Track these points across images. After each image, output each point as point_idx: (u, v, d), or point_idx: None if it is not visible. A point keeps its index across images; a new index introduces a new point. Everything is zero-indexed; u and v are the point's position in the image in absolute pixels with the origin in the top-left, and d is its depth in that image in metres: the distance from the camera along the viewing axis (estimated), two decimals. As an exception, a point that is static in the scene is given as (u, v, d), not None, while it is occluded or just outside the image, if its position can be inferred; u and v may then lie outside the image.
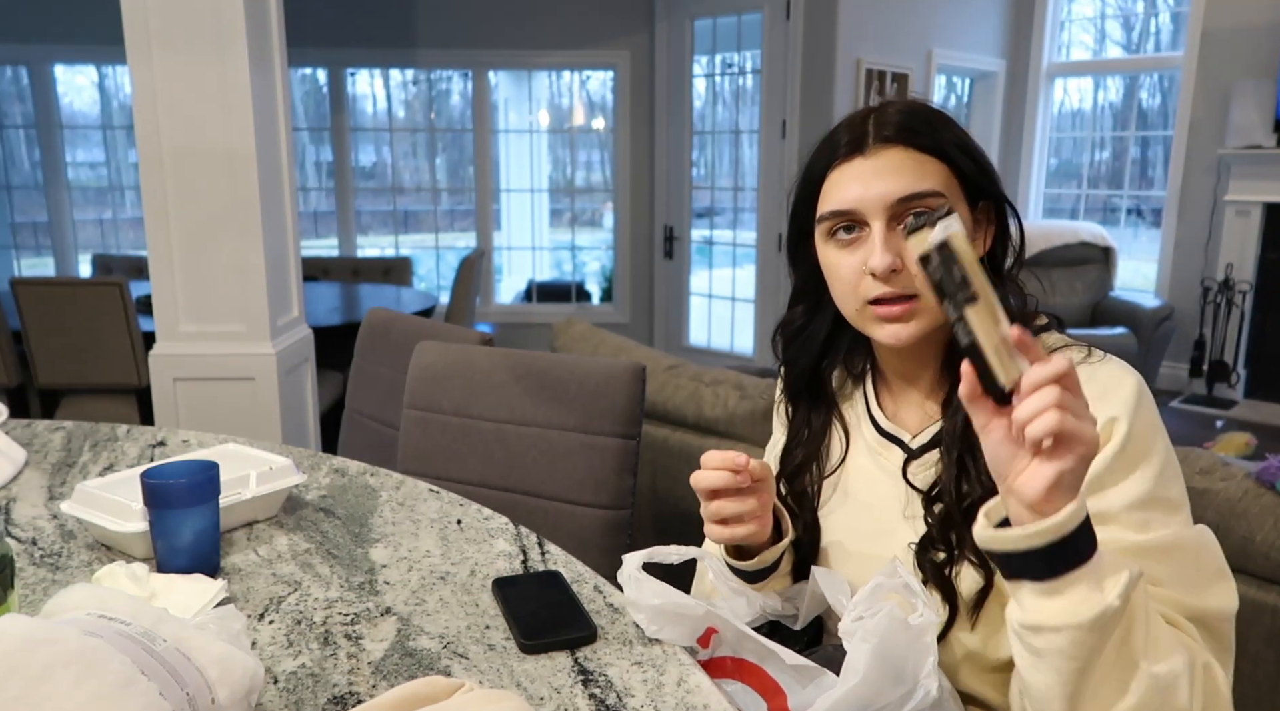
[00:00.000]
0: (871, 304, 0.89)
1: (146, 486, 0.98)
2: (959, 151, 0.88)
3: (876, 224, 0.87)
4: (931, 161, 0.87)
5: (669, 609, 0.87)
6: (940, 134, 0.88)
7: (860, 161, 0.88)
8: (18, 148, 5.81)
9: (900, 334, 0.89)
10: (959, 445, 0.88)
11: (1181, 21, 5.45)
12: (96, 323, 3.16)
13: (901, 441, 0.97)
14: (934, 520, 0.90)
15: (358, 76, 5.86)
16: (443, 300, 4.79)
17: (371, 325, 2.22)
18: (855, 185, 0.87)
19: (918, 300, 0.87)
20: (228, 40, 2.34)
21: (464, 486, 1.56)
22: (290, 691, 0.80)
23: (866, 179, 0.87)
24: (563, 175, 6.41)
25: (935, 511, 0.90)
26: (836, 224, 0.90)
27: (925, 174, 0.86)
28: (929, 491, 0.91)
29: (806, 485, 1.03)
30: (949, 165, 0.88)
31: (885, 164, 0.87)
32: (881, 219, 0.86)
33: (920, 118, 0.88)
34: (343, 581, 1.01)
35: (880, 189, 0.86)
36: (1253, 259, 4.93)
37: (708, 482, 0.89)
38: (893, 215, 0.86)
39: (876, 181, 0.86)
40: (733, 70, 5.32)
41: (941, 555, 0.89)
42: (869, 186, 0.86)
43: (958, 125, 0.91)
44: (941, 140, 0.88)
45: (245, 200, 2.43)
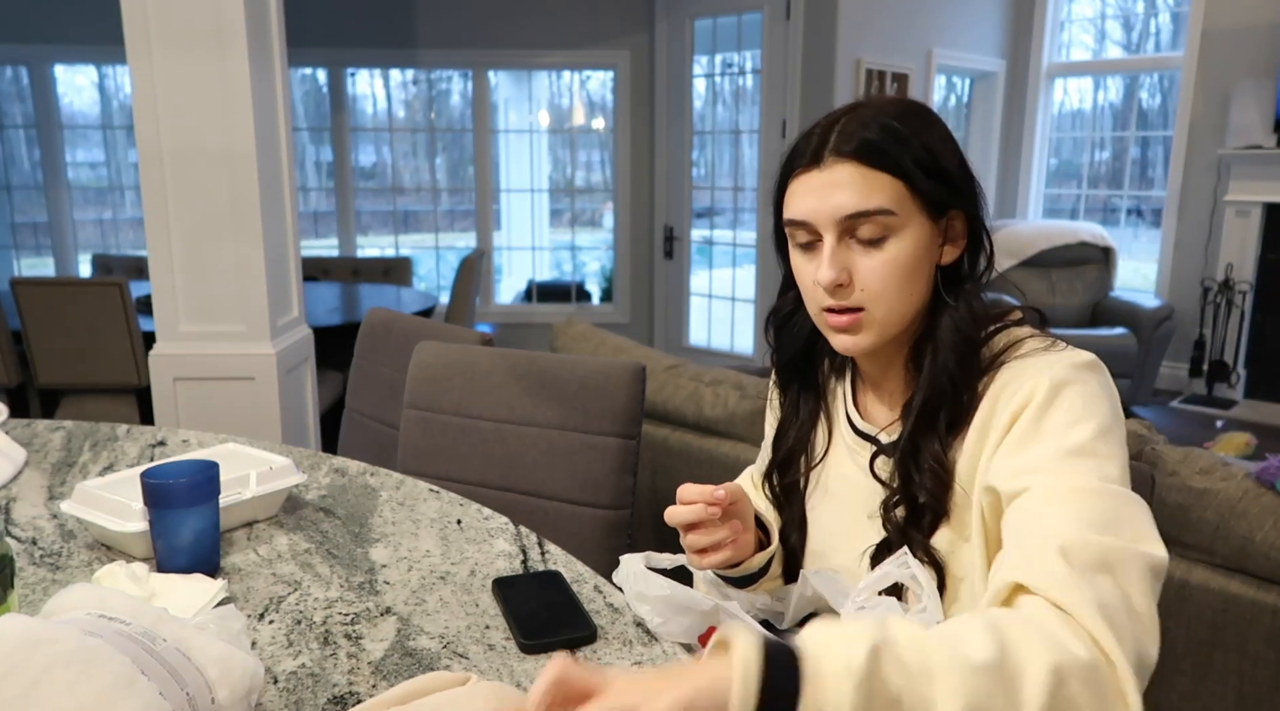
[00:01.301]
0: (825, 311, 0.91)
1: (146, 486, 0.98)
2: (918, 168, 0.86)
3: (828, 237, 0.88)
4: (884, 178, 0.86)
5: (677, 601, 0.87)
6: (902, 149, 0.86)
7: (815, 173, 0.88)
8: (18, 148, 5.81)
9: (848, 344, 0.92)
10: (908, 438, 0.90)
11: (1181, 21, 5.45)
12: (96, 323, 3.16)
13: (875, 439, 0.98)
14: (891, 524, 0.92)
15: (358, 76, 5.86)
16: (443, 300, 4.79)
17: (371, 325, 2.22)
18: (809, 197, 0.88)
19: (863, 312, 0.89)
20: (228, 40, 2.34)
21: (464, 486, 1.56)
22: (290, 691, 0.80)
23: (818, 192, 0.88)
24: (563, 175, 6.41)
25: (894, 516, 0.91)
26: (796, 233, 0.92)
27: (875, 191, 0.86)
28: (887, 498, 0.93)
29: (797, 475, 1.04)
30: (905, 182, 0.87)
31: (837, 178, 0.87)
32: (833, 232, 0.88)
33: (886, 130, 0.87)
34: (343, 581, 1.01)
35: (830, 204, 0.87)
36: (1253, 259, 4.92)
37: (680, 518, 0.91)
38: (843, 229, 0.88)
39: (828, 196, 0.87)
40: (733, 70, 5.32)
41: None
42: (821, 200, 0.87)
43: (933, 132, 0.89)
44: (900, 157, 0.86)
45: (245, 200, 2.43)
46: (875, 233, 0.87)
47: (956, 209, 0.90)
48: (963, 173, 0.90)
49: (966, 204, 0.91)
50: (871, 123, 0.87)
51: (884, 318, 0.89)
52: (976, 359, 0.89)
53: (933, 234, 0.89)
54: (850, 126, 0.88)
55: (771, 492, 1.07)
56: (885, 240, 0.87)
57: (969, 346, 0.89)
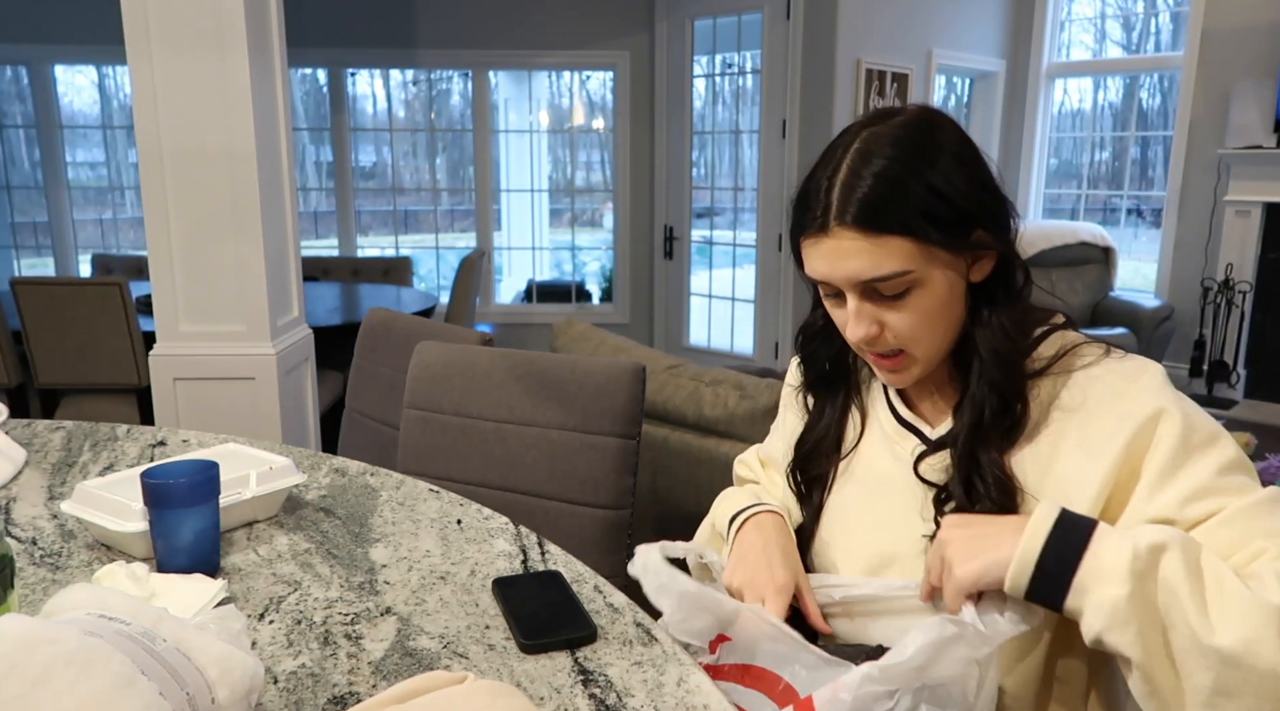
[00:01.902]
0: (865, 350, 0.92)
1: (146, 486, 0.98)
2: (926, 221, 0.83)
3: (851, 298, 0.88)
4: (893, 241, 0.84)
5: (703, 600, 0.87)
6: (905, 203, 0.83)
7: (824, 240, 0.86)
8: (18, 148, 5.81)
9: (896, 381, 0.94)
10: (965, 449, 0.89)
11: (1181, 21, 5.45)
12: (96, 323, 3.16)
13: (920, 432, 0.97)
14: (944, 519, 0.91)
15: (358, 76, 5.86)
16: (443, 300, 4.79)
17: (371, 325, 2.22)
18: (823, 263, 0.88)
19: (904, 354, 0.90)
20: (228, 40, 2.34)
21: (464, 486, 1.56)
22: (290, 691, 0.80)
23: (829, 259, 0.87)
24: (563, 175, 6.41)
25: (946, 510, 0.91)
26: (819, 284, 0.92)
27: (886, 256, 0.84)
28: (939, 493, 0.92)
29: (824, 469, 1.04)
30: (915, 238, 0.84)
31: (845, 247, 0.85)
32: (854, 294, 0.88)
33: (884, 183, 0.83)
34: (343, 581, 1.01)
35: (846, 271, 0.86)
36: (1253, 259, 4.92)
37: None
38: (864, 291, 0.87)
39: (839, 263, 0.86)
40: (733, 70, 5.32)
41: None
42: (834, 267, 0.87)
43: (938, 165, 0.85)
44: (904, 214, 0.83)
45: (245, 200, 2.43)
46: (897, 289, 0.86)
47: (977, 231, 0.87)
48: (979, 194, 0.87)
49: (987, 225, 0.87)
50: (866, 175, 0.84)
51: (925, 355, 0.90)
52: (1022, 367, 0.90)
53: (957, 265, 0.88)
54: (848, 182, 0.85)
55: (796, 486, 1.07)
56: (908, 294, 0.86)
57: (1011, 360, 0.89)
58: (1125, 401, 0.84)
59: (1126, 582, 0.67)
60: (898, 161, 0.84)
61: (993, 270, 0.90)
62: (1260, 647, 0.65)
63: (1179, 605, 0.67)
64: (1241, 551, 0.76)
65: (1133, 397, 0.84)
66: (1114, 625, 0.68)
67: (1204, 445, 0.81)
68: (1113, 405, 0.85)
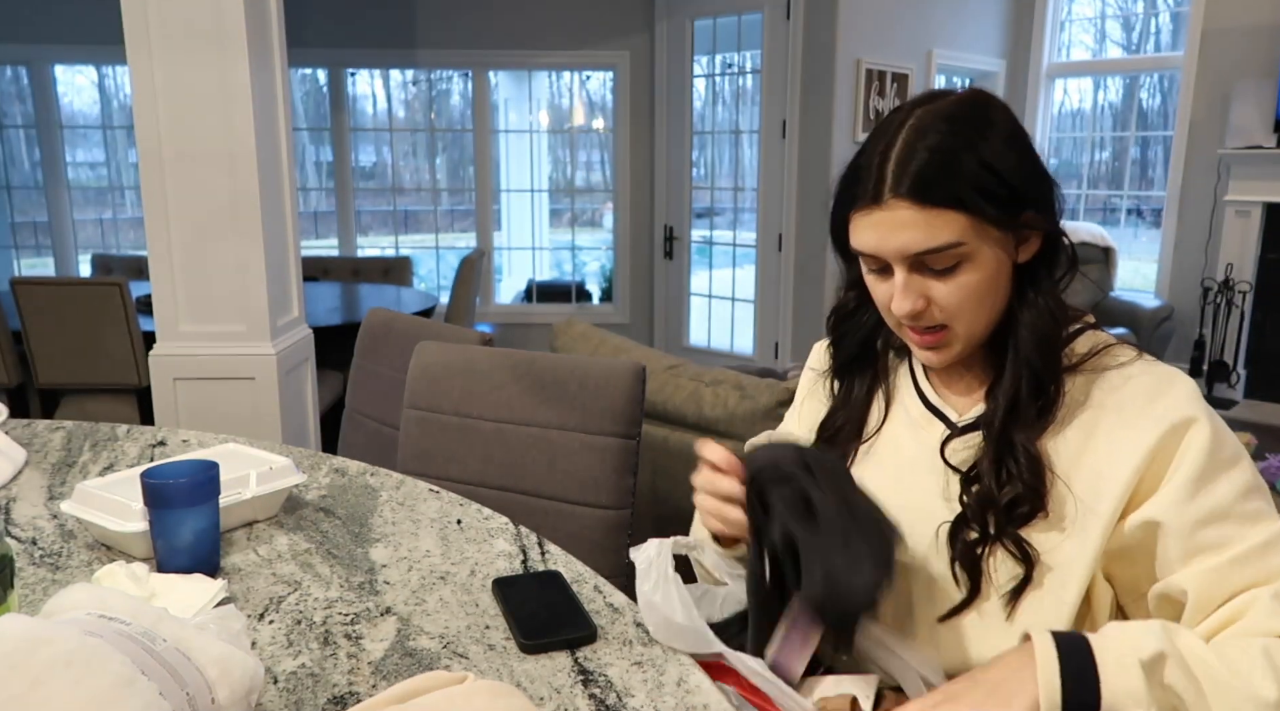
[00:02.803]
0: (906, 327, 0.92)
1: (146, 486, 0.98)
2: (979, 194, 0.84)
3: (899, 270, 0.88)
4: (946, 213, 0.84)
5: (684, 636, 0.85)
6: (959, 177, 0.84)
7: (876, 212, 0.86)
8: (18, 148, 5.81)
9: (935, 359, 0.93)
10: (999, 432, 0.90)
11: (1181, 21, 5.45)
12: (96, 322, 3.16)
13: (946, 417, 0.97)
14: (970, 500, 0.91)
15: (358, 76, 5.86)
16: (443, 300, 4.79)
17: (371, 325, 2.22)
18: (873, 235, 0.87)
19: (947, 330, 0.90)
20: (228, 40, 2.34)
21: (464, 486, 1.56)
22: (290, 691, 0.80)
23: (881, 231, 0.87)
24: (563, 175, 6.41)
25: (973, 492, 0.91)
26: (865, 259, 0.92)
27: (939, 228, 0.84)
28: (967, 472, 0.92)
29: (844, 453, 1.04)
30: (967, 212, 0.85)
31: (898, 218, 0.85)
32: (903, 267, 0.88)
33: (939, 156, 0.84)
34: (343, 581, 1.01)
35: (895, 243, 0.86)
36: (1253, 259, 4.92)
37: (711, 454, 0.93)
38: (913, 263, 0.87)
39: (891, 235, 0.86)
40: (733, 70, 5.32)
41: (974, 535, 0.90)
42: (885, 239, 0.87)
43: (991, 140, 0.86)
44: (958, 188, 0.84)
45: (245, 200, 2.43)
46: (947, 262, 0.86)
47: (1025, 212, 0.88)
48: (1029, 174, 0.88)
49: (1036, 205, 0.89)
50: (921, 148, 0.84)
51: (967, 332, 0.90)
52: (1059, 355, 0.90)
53: (1006, 242, 0.88)
54: (903, 156, 0.85)
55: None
56: (957, 267, 0.86)
57: (1051, 343, 0.90)
58: (1158, 405, 0.85)
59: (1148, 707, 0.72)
60: (952, 136, 0.85)
61: (1038, 252, 0.91)
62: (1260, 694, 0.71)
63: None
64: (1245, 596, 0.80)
65: (1166, 402, 0.85)
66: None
67: (1229, 464, 0.83)
68: (1146, 406, 0.86)
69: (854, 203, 0.89)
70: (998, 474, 0.89)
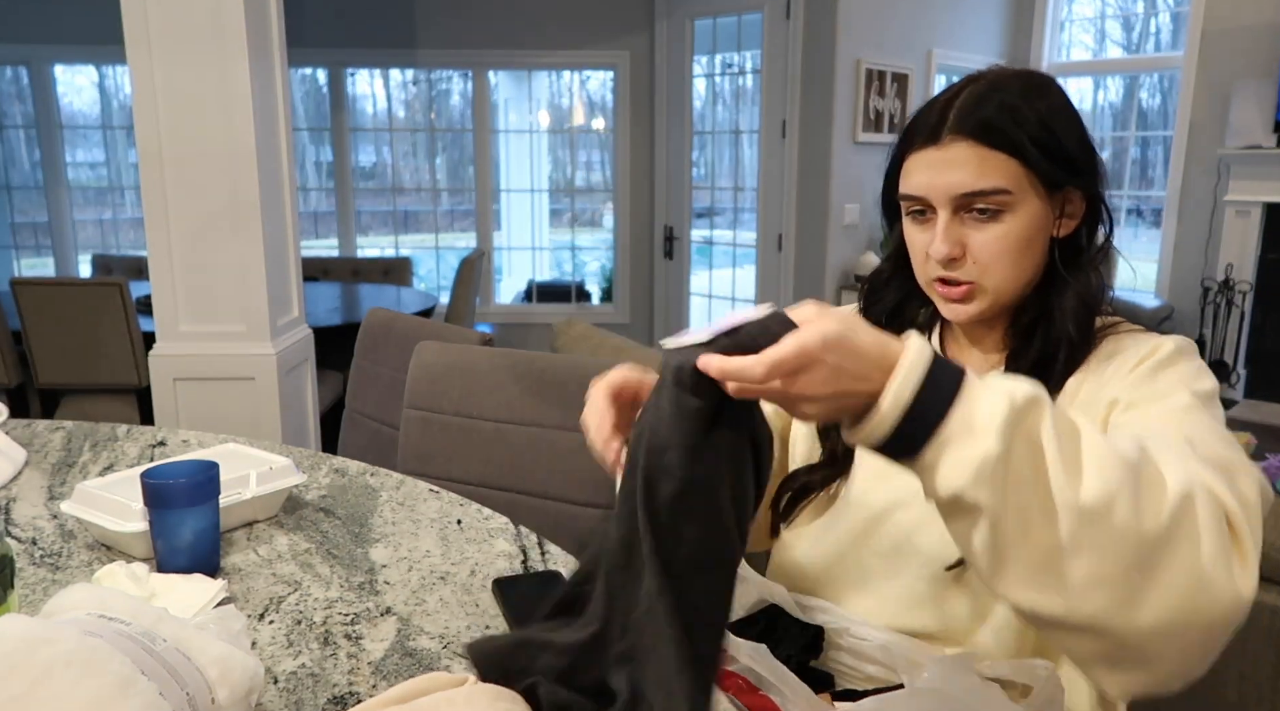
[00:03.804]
0: (937, 280, 0.94)
1: (146, 486, 0.98)
2: (1035, 147, 0.89)
3: (942, 212, 0.91)
4: (1001, 158, 0.88)
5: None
6: (1019, 127, 0.88)
7: (933, 151, 0.90)
8: (18, 148, 5.81)
9: (960, 313, 0.95)
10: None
11: (1181, 21, 5.45)
12: (96, 322, 3.16)
13: None
14: None
15: (358, 76, 5.86)
16: (443, 300, 4.79)
17: (371, 325, 2.22)
18: (925, 173, 0.91)
19: (975, 285, 0.92)
20: (228, 40, 2.34)
21: (464, 486, 1.56)
22: (290, 691, 0.80)
23: (935, 169, 0.90)
24: (563, 175, 6.41)
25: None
26: (910, 205, 0.94)
27: (991, 170, 0.88)
28: None
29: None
30: (1021, 161, 0.89)
31: (954, 157, 0.89)
32: (947, 208, 0.90)
33: (1004, 107, 0.89)
34: (343, 581, 1.01)
35: (946, 181, 0.89)
36: (1253, 259, 4.92)
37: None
38: (958, 205, 0.90)
39: (944, 173, 0.89)
40: (733, 70, 5.32)
41: None
42: (936, 177, 0.90)
43: (1052, 106, 0.91)
44: (1017, 136, 0.88)
45: (245, 200, 2.43)
46: (991, 206, 0.89)
47: (1073, 186, 0.92)
48: (1081, 148, 0.92)
49: (1084, 181, 0.92)
50: (990, 99, 0.89)
51: (995, 289, 0.92)
52: (1093, 329, 0.94)
53: (1048, 209, 0.92)
54: (969, 103, 0.90)
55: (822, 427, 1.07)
56: (1000, 215, 0.89)
57: (1090, 316, 0.93)
58: (1146, 346, 0.90)
59: (999, 439, 0.61)
60: (1017, 93, 0.90)
61: (1075, 231, 0.95)
62: (1117, 506, 0.62)
63: (1046, 462, 0.63)
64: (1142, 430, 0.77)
65: (1155, 343, 0.90)
66: (979, 481, 0.61)
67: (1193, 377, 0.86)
68: (1135, 352, 0.90)
69: (911, 144, 0.92)
70: None
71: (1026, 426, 0.63)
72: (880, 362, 0.64)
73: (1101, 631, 0.63)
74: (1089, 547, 0.62)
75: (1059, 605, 0.63)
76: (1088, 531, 0.62)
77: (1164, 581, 0.62)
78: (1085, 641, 0.64)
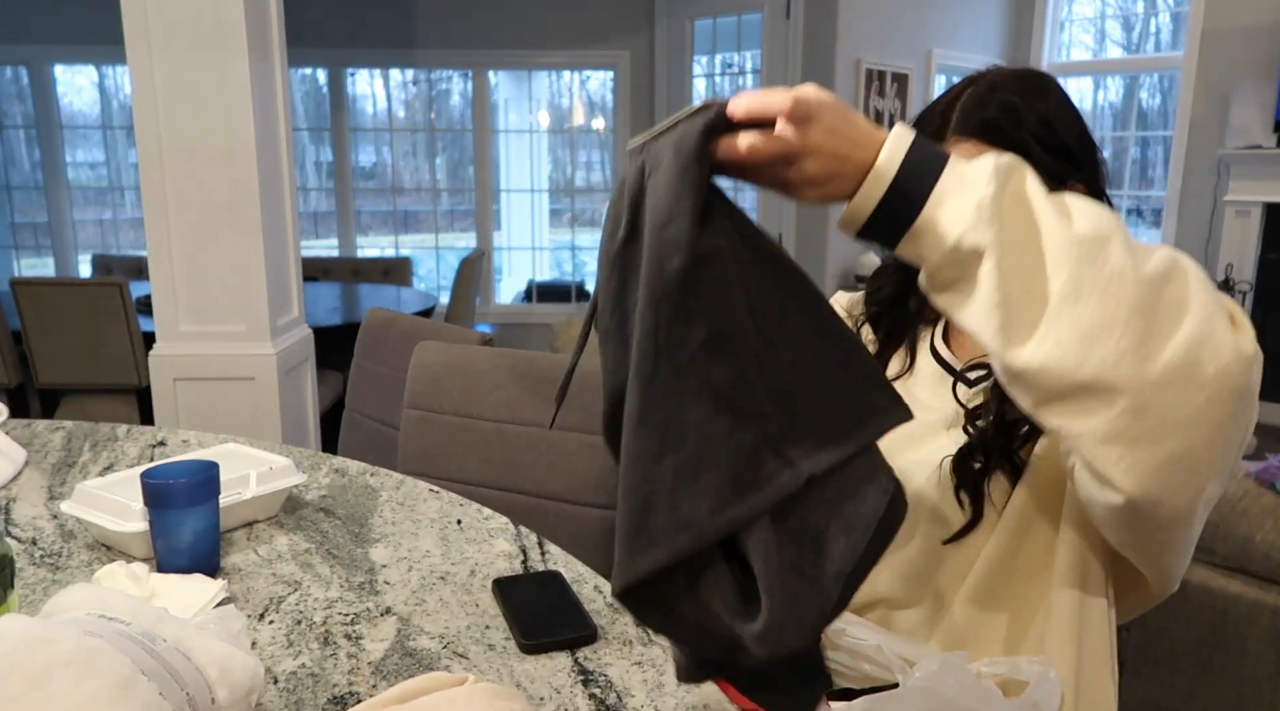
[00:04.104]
0: None
1: (146, 486, 0.98)
2: (1036, 143, 0.91)
3: None
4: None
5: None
6: (1020, 126, 0.91)
7: None
8: (18, 148, 5.81)
9: None
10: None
11: (1181, 21, 5.45)
12: (96, 323, 3.16)
13: (954, 369, 1.02)
14: (975, 432, 0.95)
15: (358, 76, 5.86)
16: (443, 300, 4.79)
17: (371, 325, 2.22)
18: None
19: None
20: (228, 40, 2.34)
21: (464, 486, 1.56)
22: (290, 691, 0.80)
23: None
24: (563, 175, 6.41)
25: (978, 425, 0.95)
26: None
27: None
28: (974, 409, 0.97)
29: None
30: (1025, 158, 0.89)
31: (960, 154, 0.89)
32: None
33: (1004, 107, 0.91)
34: (343, 581, 1.01)
35: None
36: (1253, 259, 4.92)
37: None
38: None
39: None
40: (733, 70, 5.32)
41: (977, 465, 0.94)
42: None
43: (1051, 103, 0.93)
44: (1020, 135, 0.91)
45: (245, 200, 2.43)
46: None
47: (1075, 180, 0.93)
48: (1081, 144, 0.94)
49: (1085, 176, 0.94)
50: (990, 99, 0.92)
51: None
52: None
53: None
54: (970, 104, 0.92)
55: None
56: None
57: None
58: None
59: (992, 183, 0.64)
60: (1017, 93, 0.93)
61: None
62: (1112, 245, 0.63)
63: (1036, 209, 0.65)
64: None
65: None
66: (980, 222, 0.63)
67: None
68: None
69: None
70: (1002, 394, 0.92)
71: (1014, 181, 0.65)
72: (872, 133, 0.66)
73: (1111, 389, 0.63)
74: (1091, 290, 0.62)
75: (1071, 361, 0.62)
76: (1088, 271, 0.62)
77: (1167, 323, 0.63)
78: (1095, 409, 0.64)
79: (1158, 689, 1.55)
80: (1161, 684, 1.55)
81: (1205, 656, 1.51)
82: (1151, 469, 0.65)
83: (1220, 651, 1.49)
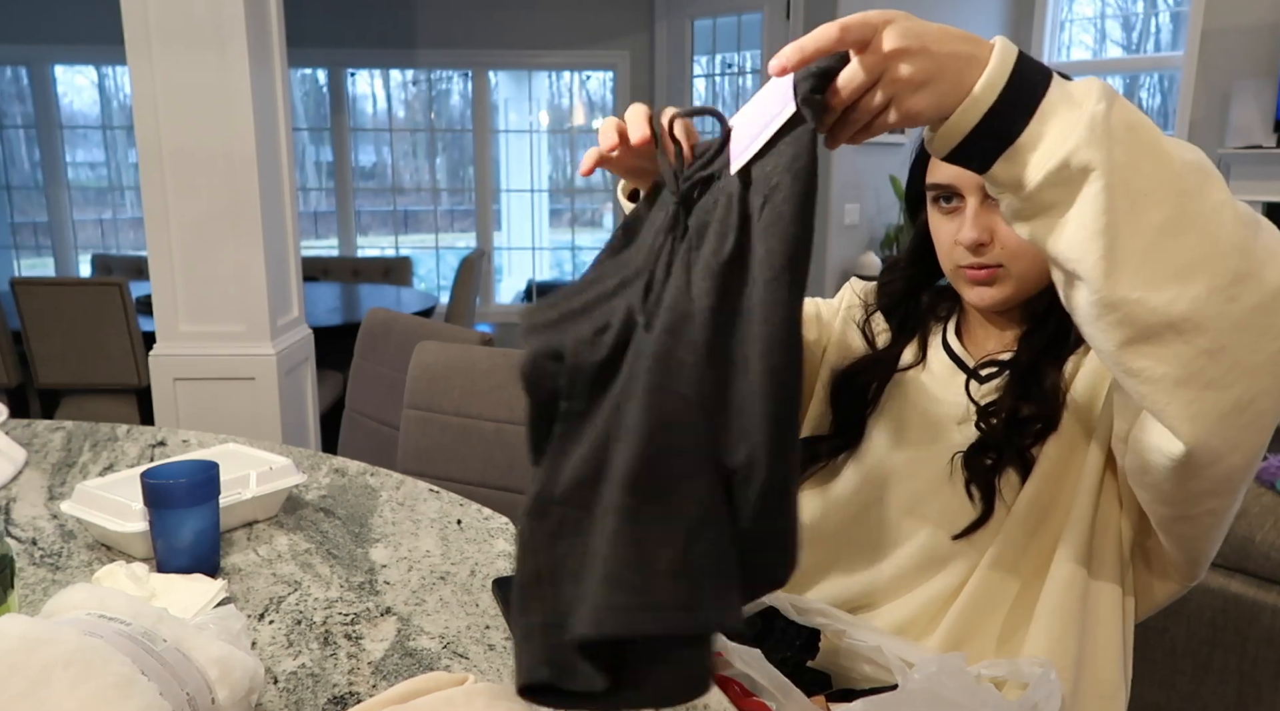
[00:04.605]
0: (963, 267, 0.95)
1: (146, 486, 0.98)
2: None
3: (971, 199, 0.93)
4: None
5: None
6: None
7: None
8: (18, 148, 5.81)
9: (985, 297, 0.96)
10: (1025, 369, 0.94)
11: (1181, 21, 5.45)
12: (96, 323, 3.16)
13: (967, 366, 1.02)
14: (987, 428, 0.95)
15: (358, 76, 5.86)
16: (443, 300, 4.79)
17: (371, 325, 2.22)
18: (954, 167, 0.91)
19: (1001, 268, 0.93)
20: (228, 40, 2.34)
21: (464, 486, 1.56)
22: (290, 691, 0.80)
23: None
24: (563, 175, 6.41)
25: (991, 423, 0.95)
26: (938, 193, 0.96)
27: None
28: (986, 406, 0.97)
29: (865, 385, 1.06)
30: None
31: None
32: (976, 196, 0.92)
33: None
34: (343, 581, 1.01)
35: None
36: (1253, 259, 4.93)
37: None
38: (987, 193, 0.91)
39: None
40: (733, 70, 5.32)
41: (989, 461, 0.94)
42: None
43: None
44: None
45: (245, 200, 2.43)
46: None
47: None
48: None
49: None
50: None
51: (1021, 274, 0.93)
52: None
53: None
54: None
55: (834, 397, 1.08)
56: None
57: None
58: None
59: (1102, 101, 0.61)
60: None
61: None
62: (1213, 181, 0.62)
63: (1148, 131, 0.62)
64: None
65: None
66: (1093, 139, 0.60)
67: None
68: None
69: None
70: (1017, 392, 0.94)
71: (1120, 102, 0.62)
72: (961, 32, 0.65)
73: (1196, 327, 0.61)
74: (1193, 224, 0.61)
75: (1168, 295, 0.61)
76: (1192, 204, 0.61)
77: (1258, 266, 0.62)
78: (1179, 349, 0.62)
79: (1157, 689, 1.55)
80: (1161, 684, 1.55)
81: (1205, 656, 1.51)
82: (1217, 415, 0.65)
83: (1220, 651, 1.49)
